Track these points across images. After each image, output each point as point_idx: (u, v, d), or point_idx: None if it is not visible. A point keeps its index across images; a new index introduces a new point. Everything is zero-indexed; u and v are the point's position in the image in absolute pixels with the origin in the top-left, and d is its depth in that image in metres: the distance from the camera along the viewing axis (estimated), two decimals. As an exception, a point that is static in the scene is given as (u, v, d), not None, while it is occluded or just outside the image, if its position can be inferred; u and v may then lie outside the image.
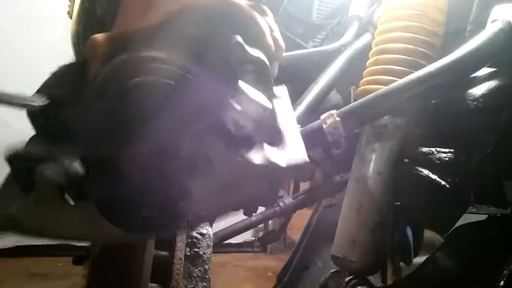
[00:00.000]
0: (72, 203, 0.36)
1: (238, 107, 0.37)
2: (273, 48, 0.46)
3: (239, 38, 0.42)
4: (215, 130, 0.37)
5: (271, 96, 0.45)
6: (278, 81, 0.49)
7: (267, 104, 0.39)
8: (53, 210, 0.38)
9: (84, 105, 0.40)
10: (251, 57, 0.42)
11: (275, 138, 0.42)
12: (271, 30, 0.47)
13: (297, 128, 0.43)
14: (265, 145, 0.39)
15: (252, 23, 0.44)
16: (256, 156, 0.38)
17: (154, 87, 0.39)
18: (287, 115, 0.45)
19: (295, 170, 0.38)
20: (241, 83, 0.38)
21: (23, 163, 0.37)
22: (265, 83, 0.44)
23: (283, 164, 0.38)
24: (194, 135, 0.37)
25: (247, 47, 0.42)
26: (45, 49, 2.82)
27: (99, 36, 0.42)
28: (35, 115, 0.40)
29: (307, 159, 0.39)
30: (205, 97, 0.39)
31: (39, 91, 0.42)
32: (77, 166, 0.36)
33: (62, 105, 0.41)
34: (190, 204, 0.38)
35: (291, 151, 0.40)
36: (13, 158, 0.37)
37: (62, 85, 0.43)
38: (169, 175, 0.37)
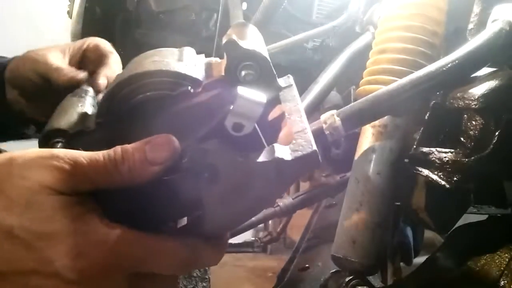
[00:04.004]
0: None
1: (232, 108, 0.36)
2: None
3: (232, 36, 0.41)
4: (214, 135, 0.36)
5: (276, 89, 0.44)
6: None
7: (261, 98, 0.36)
8: None
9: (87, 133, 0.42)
10: (247, 53, 0.41)
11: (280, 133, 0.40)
12: None
13: (303, 117, 0.41)
14: (275, 144, 0.37)
15: None
16: (259, 155, 0.36)
17: (146, 103, 0.40)
18: (293, 105, 0.42)
19: (303, 161, 0.36)
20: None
21: None
22: (267, 76, 0.42)
23: (288, 157, 0.36)
24: (195, 145, 0.36)
25: (241, 43, 0.41)
26: (45, 49, 2.82)
27: None
28: (42, 144, 0.42)
29: (314, 147, 0.36)
30: (205, 107, 0.39)
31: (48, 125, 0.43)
32: None
33: (70, 134, 0.42)
34: (206, 216, 0.37)
35: (296, 142, 0.37)
36: None
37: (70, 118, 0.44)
38: (178, 189, 0.36)
